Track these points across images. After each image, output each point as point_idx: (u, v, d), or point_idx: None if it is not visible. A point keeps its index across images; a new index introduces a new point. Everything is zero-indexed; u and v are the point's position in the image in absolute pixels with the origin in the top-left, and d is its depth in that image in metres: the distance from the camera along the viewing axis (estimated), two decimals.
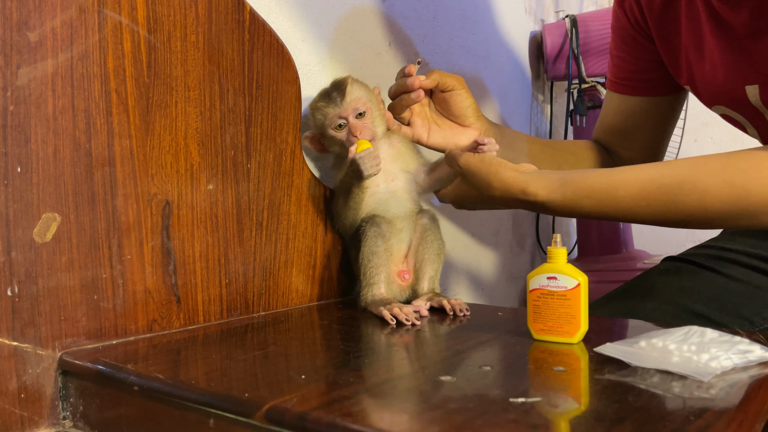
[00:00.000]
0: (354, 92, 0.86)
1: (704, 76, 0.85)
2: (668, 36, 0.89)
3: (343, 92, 0.86)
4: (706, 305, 0.85)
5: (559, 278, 0.65)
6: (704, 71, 0.84)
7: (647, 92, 0.99)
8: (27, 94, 0.62)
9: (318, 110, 0.88)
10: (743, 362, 0.55)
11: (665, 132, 1.04)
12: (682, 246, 1.66)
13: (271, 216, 0.86)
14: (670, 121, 1.03)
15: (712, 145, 1.89)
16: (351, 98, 0.86)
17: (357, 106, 0.86)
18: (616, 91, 1.02)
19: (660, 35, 0.90)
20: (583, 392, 0.53)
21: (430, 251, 0.89)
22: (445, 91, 0.90)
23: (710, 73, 0.83)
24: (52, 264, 0.64)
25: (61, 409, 0.64)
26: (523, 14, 1.63)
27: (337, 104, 0.86)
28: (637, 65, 0.98)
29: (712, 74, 0.83)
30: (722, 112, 0.87)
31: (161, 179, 0.74)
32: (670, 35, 0.89)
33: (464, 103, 0.91)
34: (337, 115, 0.86)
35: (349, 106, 0.86)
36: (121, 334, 0.70)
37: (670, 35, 0.89)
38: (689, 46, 0.85)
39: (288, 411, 0.47)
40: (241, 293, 0.83)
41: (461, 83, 0.91)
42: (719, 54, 0.80)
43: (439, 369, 0.59)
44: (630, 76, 0.99)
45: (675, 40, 0.88)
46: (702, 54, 0.84)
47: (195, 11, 0.76)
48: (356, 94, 0.86)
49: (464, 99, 0.91)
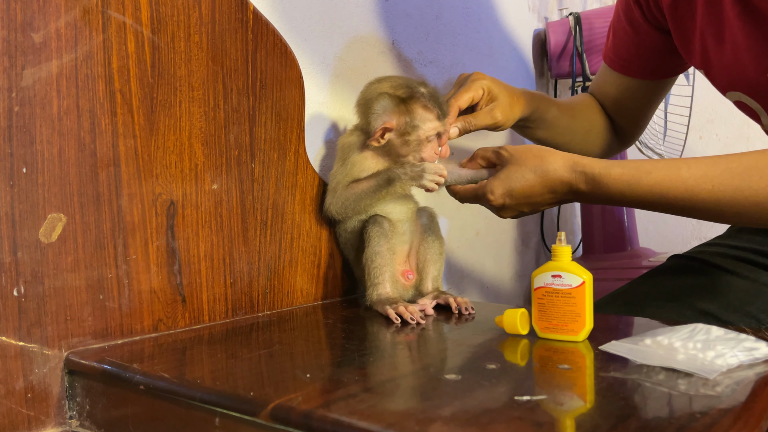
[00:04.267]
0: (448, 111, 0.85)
1: (722, 60, 0.83)
2: (682, 18, 0.88)
3: (445, 110, 0.84)
4: (712, 303, 0.85)
5: (563, 276, 0.65)
6: (723, 55, 0.83)
7: (643, 76, 1.00)
8: (32, 94, 0.62)
9: (416, 114, 0.82)
10: (749, 360, 0.55)
11: (653, 106, 1.06)
12: (688, 244, 1.66)
13: (276, 215, 0.87)
14: (659, 98, 1.05)
15: (717, 143, 1.88)
16: (448, 118, 0.85)
17: (446, 128, 0.85)
18: (613, 68, 1.02)
19: (673, 16, 0.89)
20: (589, 390, 0.53)
21: (432, 250, 0.89)
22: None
23: (731, 58, 0.82)
24: (58, 264, 0.64)
25: (68, 408, 0.64)
26: (527, 12, 1.62)
27: (441, 119, 0.83)
28: (637, 50, 0.97)
29: (734, 59, 0.82)
30: (737, 99, 0.86)
31: (166, 179, 0.74)
32: (685, 17, 0.87)
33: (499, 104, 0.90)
34: (437, 130, 0.83)
35: (446, 123, 0.85)
36: (126, 334, 0.70)
37: (685, 17, 0.87)
38: (707, 29, 0.84)
39: (293, 409, 0.47)
40: (246, 292, 0.83)
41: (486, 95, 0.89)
42: (744, 38, 0.79)
43: (444, 367, 0.59)
44: (629, 58, 0.99)
45: (689, 22, 0.87)
46: (721, 37, 0.82)
47: (198, 11, 0.76)
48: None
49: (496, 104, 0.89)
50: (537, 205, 0.78)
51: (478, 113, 0.87)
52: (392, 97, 0.82)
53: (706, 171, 0.68)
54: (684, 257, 0.96)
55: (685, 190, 0.69)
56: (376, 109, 0.82)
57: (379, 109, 0.82)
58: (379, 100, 0.82)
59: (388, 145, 0.85)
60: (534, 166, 0.75)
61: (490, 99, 0.88)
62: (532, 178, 0.75)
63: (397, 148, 0.84)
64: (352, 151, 0.86)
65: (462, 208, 1.34)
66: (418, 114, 0.82)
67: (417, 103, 0.82)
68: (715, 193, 0.67)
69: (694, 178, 0.68)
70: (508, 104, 0.89)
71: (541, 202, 0.78)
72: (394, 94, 0.83)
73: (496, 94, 0.88)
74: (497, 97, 0.88)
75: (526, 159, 0.76)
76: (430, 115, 0.82)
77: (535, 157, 0.75)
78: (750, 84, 0.81)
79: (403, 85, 0.84)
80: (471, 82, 0.87)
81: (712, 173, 0.68)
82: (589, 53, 1.55)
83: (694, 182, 0.68)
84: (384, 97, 0.82)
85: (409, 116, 0.82)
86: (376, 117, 0.83)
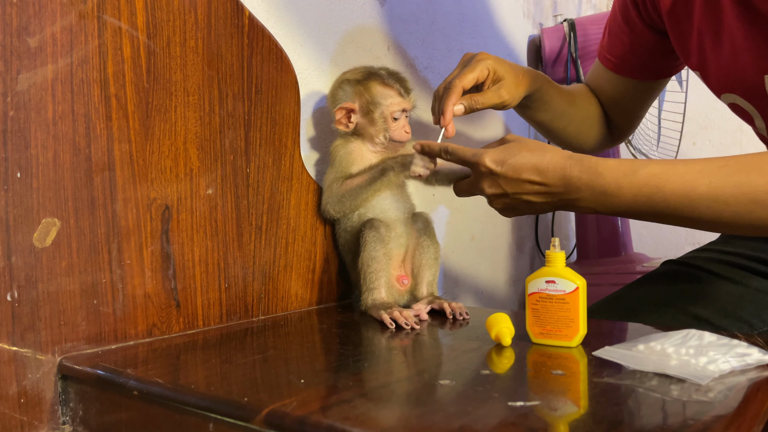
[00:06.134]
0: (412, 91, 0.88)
1: (719, 61, 0.84)
2: (680, 19, 0.88)
3: (407, 86, 0.88)
4: (705, 308, 0.85)
5: (557, 282, 0.66)
6: (720, 57, 0.83)
7: (635, 76, 1.00)
8: (27, 99, 0.62)
9: (374, 91, 0.86)
10: (741, 365, 0.55)
11: (646, 105, 1.07)
12: (682, 249, 1.66)
13: (271, 220, 0.87)
14: (651, 98, 1.06)
15: (711, 149, 1.89)
16: (412, 95, 0.88)
17: (413, 105, 0.89)
18: (606, 66, 1.02)
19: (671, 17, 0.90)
20: (582, 395, 0.53)
21: (427, 255, 0.89)
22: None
23: (728, 59, 0.82)
24: (52, 269, 0.64)
25: (61, 413, 0.64)
26: (522, 18, 1.63)
27: (403, 95, 0.87)
28: (631, 50, 0.98)
29: (731, 60, 0.82)
30: (731, 101, 0.86)
31: (161, 184, 0.74)
32: (682, 18, 0.88)
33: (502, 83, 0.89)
34: (402, 107, 0.87)
35: (411, 101, 0.88)
36: (120, 339, 0.70)
37: (682, 18, 0.88)
38: (704, 30, 0.84)
39: (287, 415, 0.47)
40: (240, 297, 0.83)
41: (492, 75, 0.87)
42: (743, 40, 0.79)
43: (438, 373, 0.59)
44: (623, 57, 1.00)
45: (687, 23, 0.87)
46: (719, 39, 0.82)
47: (194, 16, 0.77)
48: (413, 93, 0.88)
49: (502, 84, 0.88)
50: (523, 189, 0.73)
51: (485, 92, 0.87)
52: (350, 81, 0.88)
53: (703, 167, 0.66)
54: (677, 263, 0.96)
55: (682, 183, 0.66)
56: (339, 96, 0.88)
57: (341, 95, 0.88)
58: (340, 87, 0.89)
59: (359, 129, 0.89)
60: (534, 148, 0.73)
61: (495, 79, 0.87)
62: (528, 156, 0.72)
63: (366, 129, 0.88)
64: (340, 148, 0.90)
65: (457, 213, 1.34)
66: (377, 91, 0.87)
67: (374, 81, 0.87)
68: (713, 188, 0.65)
69: (691, 173, 0.66)
70: (513, 83, 0.88)
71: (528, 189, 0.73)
72: (352, 78, 0.88)
73: (501, 74, 0.87)
74: (503, 77, 0.87)
75: (528, 143, 0.74)
76: (390, 92, 0.86)
77: (537, 145, 0.74)
78: (746, 85, 0.82)
79: (361, 69, 0.89)
80: (476, 62, 0.86)
81: (709, 169, 0.66)
82: (584, 59, 1.56)
83: (691, 176, 0.66)
84: (343, 83, 0.89)
85: (369, 94, 0.87)
86: (339, 103, 0.88)
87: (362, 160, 0.89)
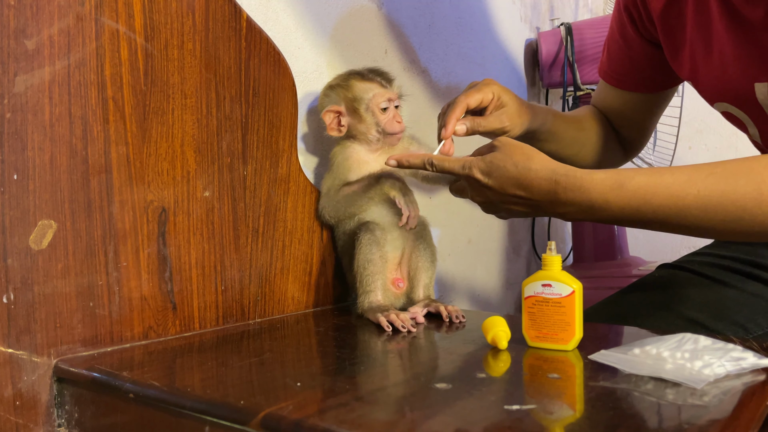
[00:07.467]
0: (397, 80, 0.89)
1: (711, 71, 0.84)
2: (672, 30, 0.89)
3: (388, 76, 0.89)
4: (700, 312, 0.86)
5: (553, 285, 0.66)
6: (711, 66, 0.84)
7: (639, 89, 1.01)
8: (24, 101, 0.62)
9: (356, 88, 0.87)
10: (736, 369, 0.55)
11: (655, 117, 1.07)
12: (677, 253, 1.67)
13: (268, 223, 0.87)
14: (660, 109, 1.06)
15: (707, 153, 1.90)
16: (396, 84, 0.89)
17: (400, 94, 0.89)
18: (609, 83, 1.03)
19: (664, 29, 0.90)
20: (578, 399, 0.53)
21: (423, 258, 0.89)
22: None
23: (719, 69, 0.83)
24: (48, 271, 0.64)
25: (57, 416, 0.64)
26: (519, 22, 1.64)
27: (385, 86, 0.87)
28: (631, 64, 0.99)
29: (721, 69, 0.82)
30: (724, 110, 0.87)
31: (158, 186, 0.74)
32: (675, 30, 0.88)
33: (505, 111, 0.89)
34: (386, 97, 0.87)
35: (396, 91, 0.88)
36: (116, 341, 0.70)
37: (675, 30, 0.88)
38: (696, 41, 0.85)
39: (284, 418, 0.47)
40: (237, 300, 0.83)
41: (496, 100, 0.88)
42: (732, 49, 0.79)
43: (435, 376, 0.59)
44: (624, 72, 1.00)
45: (680, 34, 0.88)
46: (710, 49, 0.83)
47: (192, 19, 0.77)
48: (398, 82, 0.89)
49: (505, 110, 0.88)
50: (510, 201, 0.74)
51: (487, 116, 0.87)
52: (333, 87, 0.90)
53: (690, 176, 0.66)
54: (673, 266, 0.97)
55: (669, 195, 0.66)
56: (324, 103, 0.90)
57: (326, 101, 0.90)
58: (325, 95, 0.91)
59: (351, 131, 0.89)
60: (517, 161, 0.72)
61: (499, 104, 0.88)
62: (513, 171, 0.72)
63: (357, 128, 0.89)
64: (338, 154, 0.90)
65: (454, 216, 1.34)
66: (358, 87, 0.88)
67: (354, 79, 0.88)
68: (701, 198, 0.66)
69: (678, 183, 0.66)
70: (516, 112, 0.89)
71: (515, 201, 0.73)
72: (334, 83, 0.91)
73: (505, 101, 0.88)
74: (506, 104, 0.88)
75: (513, 152, 0.73)
76: (371, 85, 0.88)
77: (522, 154, 0.73)
78: (737, 94, 0.82)
79: (342, 74, 0.91)
80: (483, 85, 0.87)
81: (696, 177, 0.66)
82: (580, 63, 1.57)
83: (678, 187, 0.66)
84: (327, 90, 0.91)
85: (351, 93, 0.88)
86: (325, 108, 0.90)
87: (360, 165, 0.89)
